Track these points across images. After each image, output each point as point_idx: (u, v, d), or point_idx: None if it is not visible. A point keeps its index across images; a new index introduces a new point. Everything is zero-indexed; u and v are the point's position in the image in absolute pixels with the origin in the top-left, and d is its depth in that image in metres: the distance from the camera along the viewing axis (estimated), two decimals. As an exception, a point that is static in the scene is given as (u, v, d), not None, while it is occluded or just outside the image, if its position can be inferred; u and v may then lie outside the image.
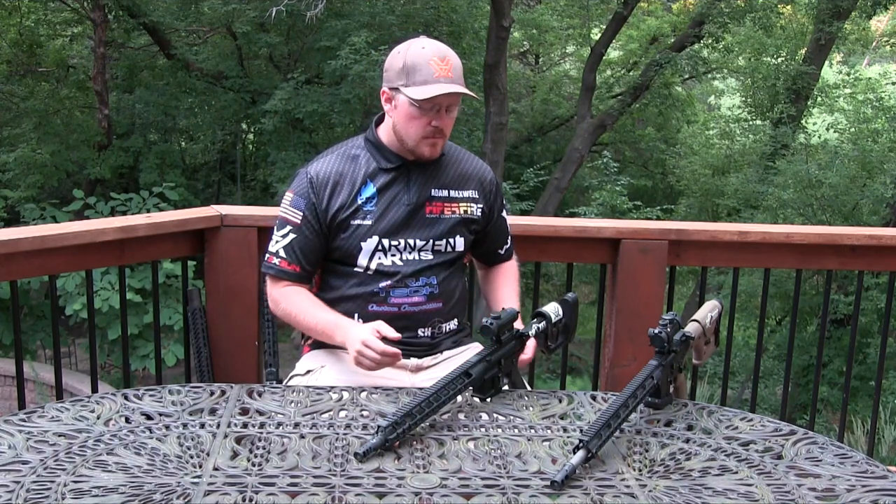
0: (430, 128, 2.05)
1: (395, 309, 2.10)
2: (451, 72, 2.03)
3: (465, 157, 2.26)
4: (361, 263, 2.10)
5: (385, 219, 2.10)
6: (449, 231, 2.15)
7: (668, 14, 17.02)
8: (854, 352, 3.06)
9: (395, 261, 2.11)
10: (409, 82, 2.03)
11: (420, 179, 2.14)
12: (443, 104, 2.05)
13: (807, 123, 14.73)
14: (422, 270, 2.12)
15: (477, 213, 2.21)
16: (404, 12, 12.14)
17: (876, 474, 1.44)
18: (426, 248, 2.13)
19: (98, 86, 12.23)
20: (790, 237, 2.81)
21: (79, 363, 11.00)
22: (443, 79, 2.02)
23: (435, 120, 2.05)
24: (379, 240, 2.09)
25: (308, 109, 11.53)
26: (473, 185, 2.22)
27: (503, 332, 1.78)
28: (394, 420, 1.49)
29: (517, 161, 16.00)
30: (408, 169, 2.14)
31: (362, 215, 2.10)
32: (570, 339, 2.07)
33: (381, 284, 2.10)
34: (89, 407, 1.61)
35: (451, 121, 2.10)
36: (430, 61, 2.03)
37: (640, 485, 1.39)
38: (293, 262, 2.11)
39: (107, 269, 8.40)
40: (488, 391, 1.74)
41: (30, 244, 2.28)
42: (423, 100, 2.01)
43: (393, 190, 2.12)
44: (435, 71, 2.02)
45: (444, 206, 2.16)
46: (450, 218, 2.16)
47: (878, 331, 9.92)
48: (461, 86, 2.05)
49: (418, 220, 2.13)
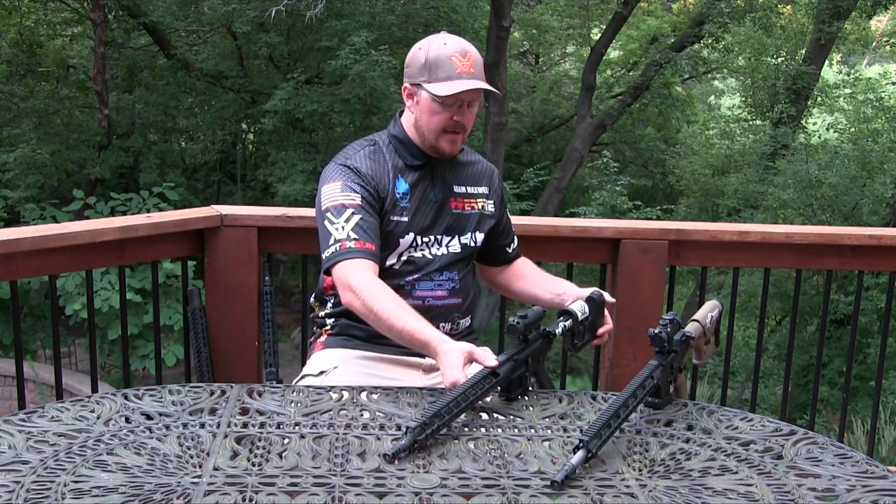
0: (451, 123, 2.08)
1: (420, 302, 2.10)
2: (473, 67, 2.06)
3: (473, 156, 2.31)
4: (393, 259, 2.11)
5: (419, 215, 2.13)
6: (473, 225, 2.20)
7: (668, 14, 17.03)
8: (854, 352, 3.05)
9: (425, 254, 2.13)
10: (432, 78, 2.05)
11: (442, 175, 2.18)
12: (465, 100, 2.08)
13: (807, 123, 14.74)
14: (448, 265, 2.15)
15: (490, 209, 2.25)
16: (404, 12, 12.15)
17: (876, 474, 1.44)
18: (453, 242, 2.17)
19: (98, 86, 12.23)
20: (790, 237, 2.81)
21: (79, 363, 11.00)
22: (465, 74, 2.04)
23: (457, 115, 2.07)
24: (415, 236, 2.12)
25: (308, 109, 11.53)
26: (485, 181, 2.26)
27: (530, 330, 1.77)
28: (422, 421, 1.48)
29: (517, 161, 16.01)
30: (432, 165, 2.17)
31: (399, 211, 2.11)
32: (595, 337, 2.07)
33: (408, 278, 2.11)
34: (89, 407, 1.61)
35: (472, 116, 2.12)
36: (453, 57, 2.05)
37: (640, 485, 1.39)
38: (367, 240, 2.00)
39: (107, 269, 8.41)
40: (515, 390, 1.74)
41: (30, 244, 2.28)
42: (446, 96, 2.03)
43: (421, 186, 2.15)
44: (457, 67, 2.04)
45: (464, 201, 2.21)
46: (471, 213, 2.21)
47: (878, 331, 9.92)
48: (483, 81, 2.07)
49: (445, 215, 2.17)
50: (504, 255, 2.36)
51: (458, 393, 1.57)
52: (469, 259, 2.22)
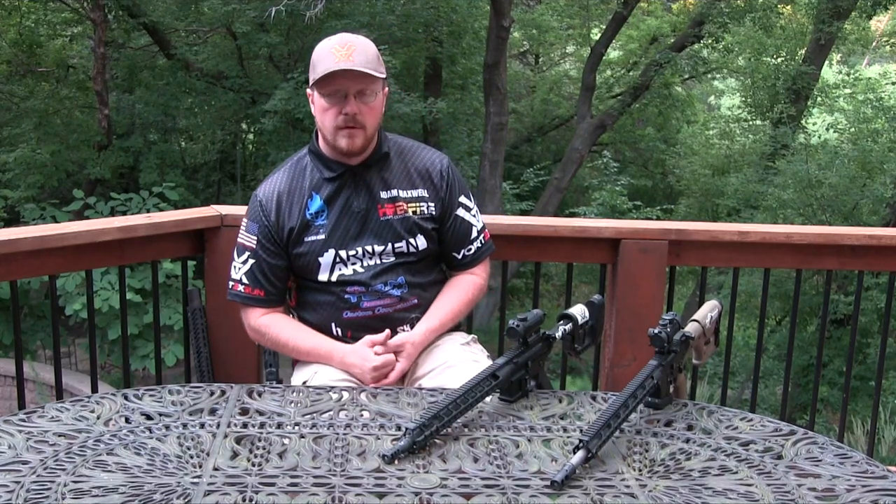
0: (341, 117, 2.00)
1: (370, 313, 2.07)
2: (353, 56, 1.97)
3: (414, 153, 2.17)
4: (322, 279, 2.07)
5: (338, 230, 2.06)
6: (407, 231, 2.09)
7: (668, 14, 17.03)
8: (854, 352, 3.06)
9: (356, 269, 2.07)
10: (314, 76, 2.01)
11: (366, 183, 2.09)
12: (347, 90, 1.98)
13: (807, 123, 14.74)
14: (385, 273, 2.07)
15: (429, 212, 2.12)
16: (404, 12, 12.13)
17: (876, 474, 1.44)
18: (386, 252, 2.08)
19: (98, 86, 12.22)
20: (790, 237, 2.80)
21: (79, 363, 10.99)
22: (341, 63, 1.96)
23: (345, 108, 1.99)
24: (336, 252, 2.06)
25: (308, 109, 11.45)
26: (422, 182, 2.13)
27: (530, 334, 1.77)
28: (421, 422, 1.48)
29: (517, 161, 16.01)
30: (353, 174, 2.08)
31: (314, 230, 2.07)
32: (596, 342, 2.06)
33: (349, 290, 2.07)
34: (89, 407, 1.61)
35: (368, 108, 2.02)
36: (332, 49, 1.99)
37: (640, 485, 1.39)
38: (256, 286, 2.10)
39: (107, 269, 8.39)
40: (515, 393, 1.74)
41: (30, 244, 2.28)
42: (323, 87, 1.98)
43: (341, 199, 2.08)
44: (335, 58, 1.97)
45: (395, 206, 2.10)
46: (403, 217, 2.09)
47: (878, 331, 9.92)
48: (360, 67, 1.96)
49: (372, 224, 2.08)
50: (451, 261, 2.20)
51: (457, 395, 1.57)
52: (419, 261, 2.11)
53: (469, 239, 2.19)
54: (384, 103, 2.11)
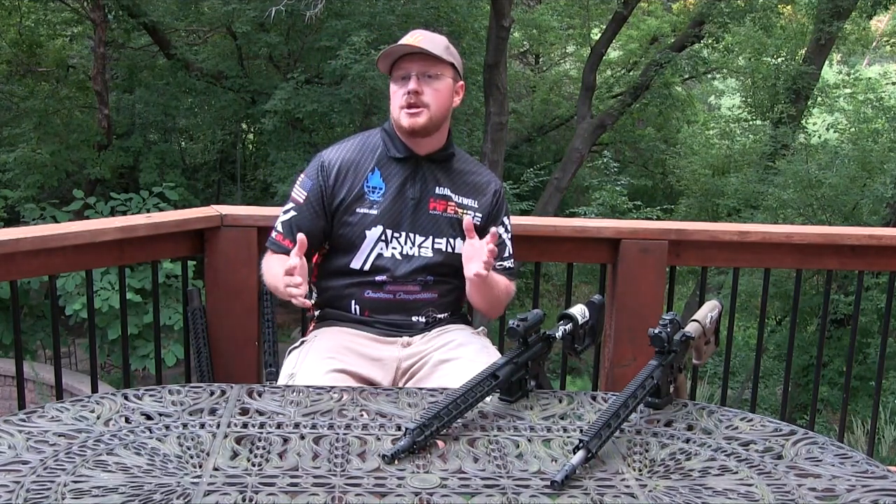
0: (404, 96, 2.07)
1: (391, 296, 2.13)
2: (421, 43, 2.07)
3: (474, 168, 2.26)
4: (360, 258, 2.12)
5: (390, 210, 2.12)
6: (451, 230, 2.16)
7: (668, 14, 17.03)
8: (854, 352, 3.05)
9: (395, 254, 2.12)
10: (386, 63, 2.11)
11: (425, 175, 2.16)
12: (410, 70, 2.07)
13: (807, 123, 14.75)
14: (417, 265, 2.13)
15: (475, 221, 2.16)
16: (404, 12, 12.14)
17: (876, 474, 1.44)
18: (426, 244, 2.14)
19: (98, 86, 12.23)
20: (790, 237, 2.80)
21: (79, 363, 11.00)
22: (406, 47, 2.07)
23: (410, 86, 2.06)
24: (383, 230, 2.11)
25: (308, 109, 11.53)
26: (475, 194, 2.21)
27: (530, 334, 1.77)
28: (421, 422, 1.48)
29: (517, 161, 16.01)
30: (416, 162, 2.16)
31: (368, 204, 2.12)
32: (596, 342, 2.06)
33: (378, 278, 2.12)
34: (89, 407, 1.61)
35: (431, 90, 2.09)
36: (403, 39, 2.10)
37: (640, 485, 1.39)
38: (288, 237, 2.15)
39: (107, 269, 8.40)
40: (515, 393, 1.74)
41: (30, 244, 2.28)
42: (390, 68, 2.08)
43: (399, 182, 2.14)
44: (403, 43, 2.08)
45: (447, 204, 2.17)
46: (452, 217, 2.17)
47: (878, 331, 9.92)
48: (426, 49, 2.06)
49: (421, 215, 2.14)
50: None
51: (457, 395, 1.57)
52: (450, 264, 2.14)
53: (502, 256, 2.24)
54: (453, 95, 2.17)
